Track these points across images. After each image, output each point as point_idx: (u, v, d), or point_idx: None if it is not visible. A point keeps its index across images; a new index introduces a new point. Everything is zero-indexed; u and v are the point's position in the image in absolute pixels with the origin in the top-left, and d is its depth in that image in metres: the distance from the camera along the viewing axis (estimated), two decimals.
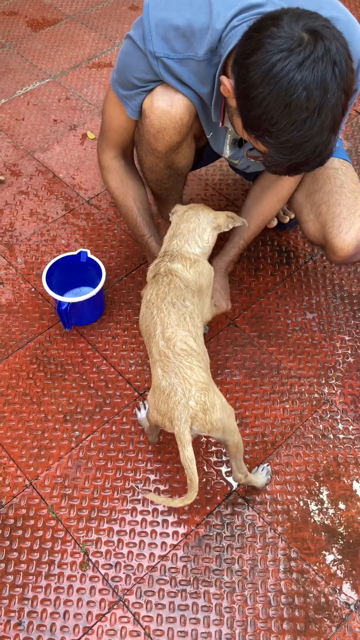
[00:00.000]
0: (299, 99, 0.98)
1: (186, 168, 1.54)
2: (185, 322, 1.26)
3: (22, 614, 1.32)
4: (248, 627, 1.29)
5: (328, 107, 0.99)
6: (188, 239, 1.37)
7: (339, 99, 1.00)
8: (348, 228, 1.49)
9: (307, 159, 1.05)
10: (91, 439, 1.56)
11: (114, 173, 1.54)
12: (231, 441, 1.28)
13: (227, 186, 2.15)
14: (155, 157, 1.44)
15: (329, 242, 1.53)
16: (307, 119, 0.99)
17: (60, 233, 2.01)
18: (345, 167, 1.58)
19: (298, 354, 1.72)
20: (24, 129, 2.36)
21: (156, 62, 1.24)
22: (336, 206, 1.51)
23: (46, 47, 2.72)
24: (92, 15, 2.88)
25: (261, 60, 0.99)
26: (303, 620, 1.30)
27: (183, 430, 1.17)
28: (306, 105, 0.98)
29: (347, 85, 1.01)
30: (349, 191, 1.53)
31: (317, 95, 0.97)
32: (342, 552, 1.39)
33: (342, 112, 1.03)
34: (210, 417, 1.19)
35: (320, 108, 0.99)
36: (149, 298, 1.32)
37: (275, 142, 1.04)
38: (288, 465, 1.52)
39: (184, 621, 1.30)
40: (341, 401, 1.63)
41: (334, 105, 1.00)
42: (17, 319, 1.80)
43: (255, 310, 1.82)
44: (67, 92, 2.51)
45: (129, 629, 1.30)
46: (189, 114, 1.33)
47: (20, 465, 1.52)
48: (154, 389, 1.24)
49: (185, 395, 1.18)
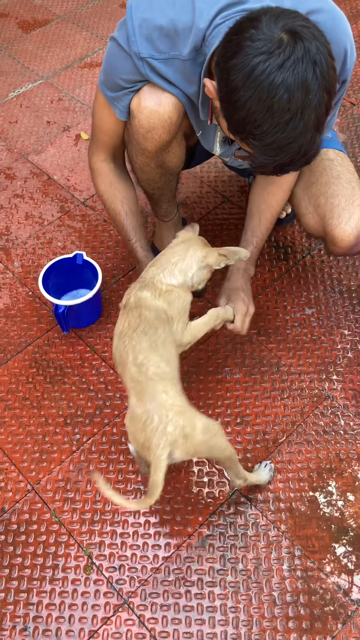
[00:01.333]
0: (280, 101, 0.97)
1: (178, 167, 1.53)
2: (157, 347, 1.21)
3: (27, 619, 1.32)
4: (254, 626, 1.29)
5: (311, 107, 0.98)
6: (165, 270, 1.32)
7: (322, 99, 0.99)
8: (348, 218, 1.48)
9: (292, 159, 1.04)
10: (92, 441, 1.56)
11: (103, 176, 1.53)
12: (223, 457, 1.25)
13: (223, 183, 2.14)
14: (145, 157, 1.43)
15: (330, 234, 1.52)
16: (290, 121, 0.99)
17: (56, 235, 2.01)
18: (340, 157, 1.57)
19: (298, 350, 1.71)
20: (18, 132, 2.35)
21: (141, 63, 1.23)
22: (334, 197, 1.50)
23: (37, 48, 2.70)
24: (82, 15, 2.86)
25: (241, 64, 0.99)
26: (309, 618, 1.30)
27: (160, 455, 1.12)
28: (288, 106, 0.97)
29: (329, 84, 1.00)
30: (346, 181, 1.52)
31: (298, 96, 0.97)
32: (347, 549, 1.38)
33: (325, 112, 1.02)
34: (191, 442, 1.14)
35: (303, 109, 0.98)
36: (120, 329, 1.28)
37: (259, 144, 1.03)
38: (290, 463, 1.51)
39: (190, 622, 1.30)
40: (342, 396, 1.62)
41: (316, 105, 0.99)
42: (15, 323, 1.80)
43: (255, 305, 1.80)
44: (60, 93, 2.50)
45: (135, 632, 1.30)
46: (177, 113, 1.32)
47: (22, 470, 1.52)
48: (130, 419, 1.19)
49: (162, 420, 1.13)
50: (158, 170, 1.49)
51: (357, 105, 2.38)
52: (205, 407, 1.61)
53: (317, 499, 1.46)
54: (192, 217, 2.04)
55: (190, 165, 1.74)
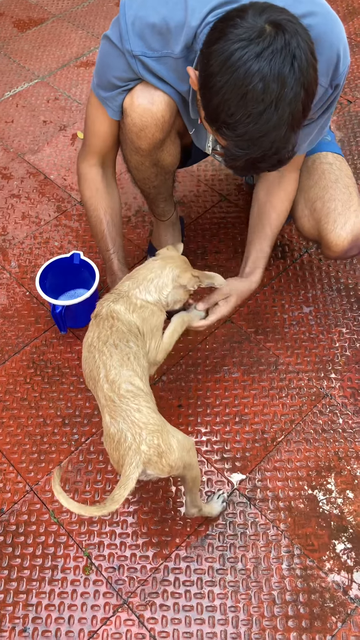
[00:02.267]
0: (255, 90, 0.95)
1: (173, 165, 1.52)
2: (129, 361, 1.19)
3: (27, 620, 1.32)
4: (253, 625, 1.29)
5: (285, 101, 0.96)
6: (140, 285, 1.30)
7: (298, 95, 0.97)
8: (343, 223, 1.48)
9: (264, 154, 1.02)
10: (90, 441, 1.56)
11: (90, 182, 1.50)
12: (189, 475, 1.23)
13: (220, 182, 2.13)
14: (140, 155, 1.43)
15: (324, 238, 1.51)
16: (264, 112, 0.97)
17: (53, 235, 2.00)
18: (339, 161, 1.56)
19: (296, 349, 1.71)
20: (14, 132, 2.34)
21: (134, 60, 1.23)
22: (331, 201, 1.50)
23: (33, 48, 2.70)
24: (78, 13, 2.85)
25: (221, 49, 0.98)
26: (308, 617, 1.30)
27: (130, 474, 1.09)
28: (262, 97, 0.95)
29: (308, 82, 0.98)
30: (344, 186, 1.52)
31: (274, 87, 0.95)
32: (346, 547, 1.38)
33: (302, 110, 1.00)
34: (167, 459, 1.13)
35: (278, 101, 0.96)
36: (90, 342, 1.25)
37: (232, 134, 1.01)
38: (289, 462, 1.51)
39: (189, 622, 1.30)
40: (340, 395, 1.62)
41: (291, 100, 0.97)
42: (13, 323, 1.80)
43: (251, 306, 1.80)
44: (56, 93, 2.49)
45: (134, 632, 1.29)
46: (170, 111, 1.32)
47: (21, 470, 1.52)
48: (105, 438, 1.17)
49: (136, 439, 1.11)
50: (153, 169, 1.49)
51: (353, 102, 2.38)
52: (203, 407, 1.61)
53: (316, 497, 1.46)
54: (190, 215, 2.03)
55: (186, 164, 1.74)
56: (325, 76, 1.20)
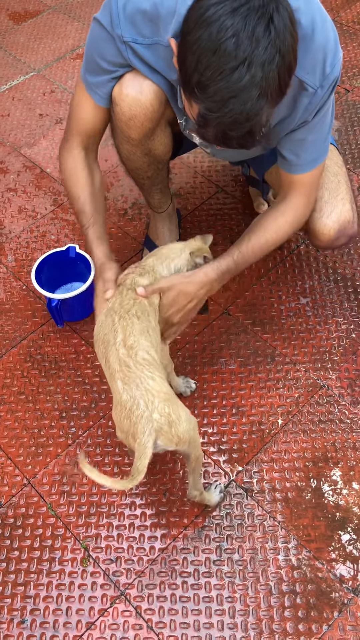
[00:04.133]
0: (227, 45, 0.92)
1: (165, 154, 1.51)
2: (148, 334, 1.21)
3: (25, 612, 1.32)
4: (250, 616, 1.29)
5: (258, 62, 0.92)
6: (163, 262, 1.34)
7: (272, 58, 0.93)
8: (330, 212, 1.46)
9: (234, 120, 0.97)
10: (88, 434, 1.56)
11: (70, 161, 1.44)
12: (194, 454, 1.23)
13: (216, 173, 2.12)
14: (130, 145, 1.42)
15: (311, 227, 1.50)
16: (236, 70, 0.93)
17: (49, 229, 2.00)
18: (330, 150, 1.55)
19: (293, 340, 1.71)
20: (10, 125, 2.33)
21: (124, 47, 1.22)
22: (318, 189, 1.48)
23: (29, 40, 2.68)
24: (74, 5, 2.83)
25: (198, 7, 0.95)
26: (305, 607, 1.30)
27: (145, 442, 1.10)
28: (235, 53, 0.92)
29: (285, 47, 0.94)
30: (333, 174, 1.50)
31: (246, 45, 0.91)
32: (342, 538, 1.39)
33: (277, 78, 0.95)
34: (176, 429, 1.13)
35: (251, 61, 0.92)
36: (111, 306, 1.26)
37: (203, 95, 0.97)
38: (286, 453, 1.51)
39: (186, 612, 1.31)
40: (337, 385, 1.62)
41: (265, 62, 0.93)
42: (10, 317, 1.80)
43: (248, 297, 1.80)
44: (52, 85, 2.48)
45: (132, 623, 1.30)
46: (158, 100, 1.31)
47: (18, 464, 1.52)
48: (115, 406, 1.17)
49: (149, 407, 1.11)
50: (145, 159, 1.48)
51: (351, 91, 2.36)
52: (200, 399, 1.61)
53: (312, 488, 1.46)
54: (186, 207, 2.03)
55: (178, 153, 1.72)
56: (312, 75, 1.17)
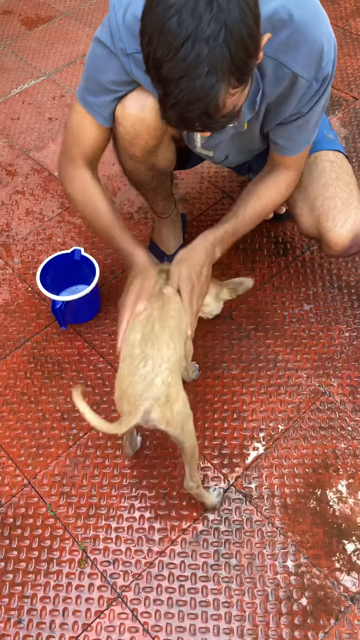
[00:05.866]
0: (171, 23, 0.91)
1: (168, 168, 1.51)
2: (178, 327, 1.24)
3: (22, 612, 1.33)
4: (246, 621, 1.29)
5: (202, 38, 0.91)
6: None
7: (217, 33, 0.91)
8: (343, 221, 1.47)
9: (188, 100, 0.95)
10: (88, 436, 1.57)
11: (79, 182, 1.42)
12: (188, 444, 1.24)
13: (223, 178, 2.13)
14: (134, 161, 1.43)
15: (324, 236, 1.50)
16: (181, 48, 0.92)
17: (56, 232, 2.02)
18: (340, 159, 1.55)
19: (295, 346, 1.71)
20: (19, 129, 2.36)
21: (127, 59, 1.22)
22: (331, 199, 1.49)
23: (40, 45, 2.71)
24: (85, 11, 2.86)
25: None
26: (301, 614, 1.29)
27: (139, 405, 1.11)
28: (178, 31, 0.91)
29: (232, 21, 0.91)
30: (344, 184, 1.51)
31: (189, 22, 0.90)
32: (341, 545, 1.38)
33: (229, 54, 0.93)
34: (171, 406, 1.14)
35: (195, 38, 0.91)
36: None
37: (158, 77, 0.97)
38: (286, 459, 1.51)
39: (182, 616, 1.31)
40: (339, 392, 1.62)
41: (209, 37, 0.91)
42: (15, 318, 1.81)
43: (251, 302, 1.80)
44: (62, 90, 2.50)
45: (128, 625, 1.30)
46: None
47: (19, 464, 1.53)
48: (123, 358, 1.17)
49: (154, 370, 1.12)
50: (149, 173, 1.49)
51: (359, 99, 2.36)
52: (202, 403, 1.61)
53: (312, 495, 1.45)
54: (192, 212, 2.04)
55: (185, 167, 1.73)
56: (307, 68, 1.18)
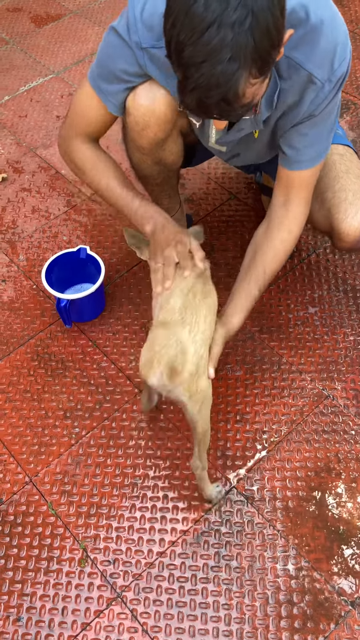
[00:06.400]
0: (197, 6, 0.92)
1: (175, 164, 1.51)
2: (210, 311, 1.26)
3: (21, 610, 1.33)
4: (246, 624, 1.29)
5: (228, 24, 0.91)
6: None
7: (243, 19, 0.91)
8: (355, 212, 1.46)
9: (208, 84, 0.96)
10: (91, 435, 1.57)
11: (87, 156, 1.44)
12: (200, 426, 1.26)
13: (230, 180, 2.13)
14: (141, 153, 1.43)
15: (335, 229, 1.50)
16: (206, 31, 0.92)
17: (62, 230, 2.01)
18: (349, 153, 1.55)
19: (300, 349, 1.70)
20: (27, 126, 2.36)
21: (142, 53, 1.22)
22: (342, 192, 1.48)
23: (49, 43, 2.71)
24: (95, 10, 2.86)
25: None
26: (301, 618, 1.29)
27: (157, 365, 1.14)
28: (204, 15, 0.91)
29: (259, 8, 0.91)
30: (355, 177, 1.50)
31: (215, 6, 0.91)
32: (342, 550, 1.38)
33: (253, 41, 0.93)
34: (198, 379, 1.17)
35: (220, 23, 0.91)
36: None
37: (179, 60, 0.97)
38: (288, 462, 1.50)
39: (182, 618, 1.30)
40: (343, 396, 1.61)
41: (235, 23, 0.91)
42: (19, 316, 1.81)
43: (256, 304, 1.79)
44: (70, 88, 2.50)
45: (127, 626, 1.30)
46: (171, 110, 1.31)
47: (21, 462, 1.53)
48: (162, 309, 1.19)
49: (190, 334, 1.15)
50: (155, 167, 1.49)
51: None
52: None
53: (314, 498, 1.45)
54: (198, 213, 2.03)
55: (191, 164, 1.73)
56: (320, 68, 1.17)
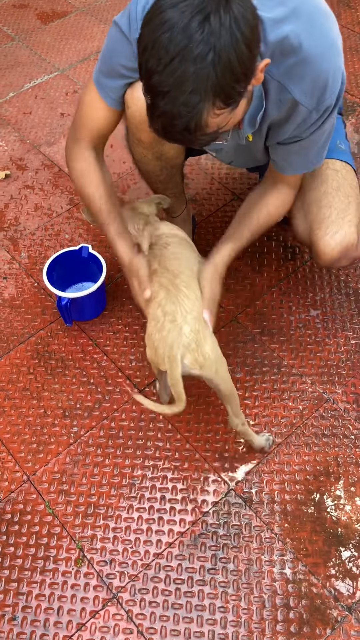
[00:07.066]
0: (162, 38, 0.92)
1: (177, 158, 1.51)
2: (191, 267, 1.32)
3: (16, 609, 1.32)
4: (241, 627, 1.28)
5: (190, 58, 0.91)
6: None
7: (204, 54, 0.91)
8: (334, 232, 1.45)
9: (170, 114, 0.97)
10: (89, 435, 1.56)
11: (81, 161, 1.45)
12: (223, 387, 1.30)
13: (233, 180, 2.12)
14: (142, 147, 1.43)
15: (314, 244, 1.49)
16: (169, 64, 0.92)
17: (64, 228, 2.01)
18: (345, 170, 1.54)
19: (300, 352, 1.69)
20: (31, 123, 2.35)
21: None
22: (327, 208, 1.47)
23: (55, 40, 2.70)
24: (101, 7, 2.85)
25: (152, 4, 0.97)
26: (297, 622, 1.28)
27: (175, 352, 1.18)
28: (168, 47, 0.92)
29: (222, 45, 0.91)
30: (344, 195, 1.49)
31: (179, 39, 0.91)
32: (340, 554, 1.37)
33: (215, 77, 0.93)
34: (202, 349, 1.20)
35: (183, 57, 0.91)
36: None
37: (147, 85, 0.98)
38: (287, 465, 1.50)
39: (177, 620, 1.30)
40: (343, 400, 1.60)
41: (196, 58, 0.91)
42: (20, 313, 1.81)
43: (258, 306, 1.79)
44: (75, 86, 2.49)
45: (122, 627, 1.29)
46: None
47: (19, 460, 1.53)
48: (150, 321, 1.25)
49: (182, 321, 1.20)
50: (157, 163, 1.48)
51: None
52: (204, 405, 1.60)
53: (312, 502, 1.44)
54: (201, 213, 2.03)
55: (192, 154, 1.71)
56: (308, 97, 1.17)
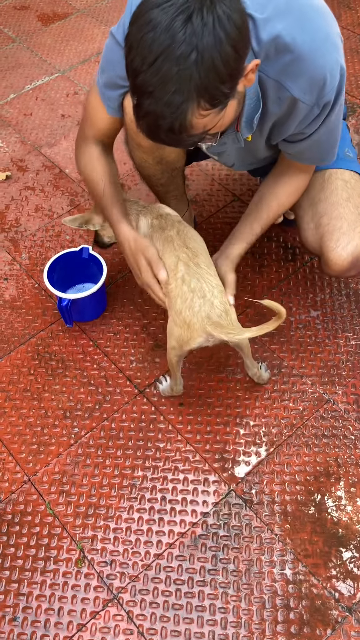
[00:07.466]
0: (146, 38, 0.93)
1: (177, 162, 1.51)
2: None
3: (17, 610, 1.32)
4: (242, 628, 1.28)
5: (172, 58, 0.92)
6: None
7: (186, 55, 0.91)
8: (346, 243, 1.46)
9: (155, 114, 0.98)
10: (90, 435, 1.56)
11: (88, 153, 1.48)
12: (244, 345, 1.48)
13: (234, 181, 2.12)
14: (142, 152, 1.44)
15: (325, 255, 1.50)
16: (154, 63, 0.93)
17: (65, 229, 2.01)
18: (354, 180, 1.53)
19: (301, 352, 1.70)
20: (32, 124, 2.36)
21: None
22: (338, 219, 1.48)
23: (56, 42, 2.71)
24: (102, 9, 2.86)
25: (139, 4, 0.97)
26: (298, 623, 1.28)
27: (215, 319, 1.31)
28: (152, 47, 0.93)
29: (205, 46, 0.92)
30: (354, 206, 1.49)
31: (162, 39, 0.92)
32: (340, 555, 1.37)
33: (199, 77, 0.92)
34: (231, 317, 1.33)
35: (166, 56, 0.92)
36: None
37: (133, 85, 0.99)
38: (287, 465, 1.50)
39: (178, 620, 1.30)
40: (343, 401, 1.60)
41: (179, 58, 0.91)
42: (20, 314, 1.81)
43: (258, 307, 1.79)
44: (76, 87, 2.50)
45: (123, 627, 1.30)
46: None
47: (20, 461, 1.53)
48: (175, 298, 1.34)
49: (211, 295, 1.32)
50: (158, 167, 1.48)
51: None
52: (204, 406, 1.60)
53: (312, 503, 1.44)
54: (202, 214, 2.03)
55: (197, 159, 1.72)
56: (307, 94, 1.17)
